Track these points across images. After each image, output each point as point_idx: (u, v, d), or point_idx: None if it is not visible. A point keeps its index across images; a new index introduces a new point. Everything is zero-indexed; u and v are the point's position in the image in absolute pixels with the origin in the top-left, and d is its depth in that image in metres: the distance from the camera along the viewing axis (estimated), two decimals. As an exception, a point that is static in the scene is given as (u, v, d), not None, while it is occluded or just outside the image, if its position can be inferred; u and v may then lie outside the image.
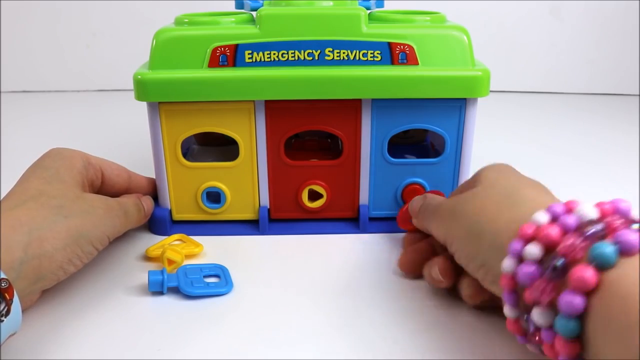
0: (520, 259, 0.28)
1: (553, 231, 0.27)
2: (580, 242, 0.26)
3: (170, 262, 0.41)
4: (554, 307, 0.25)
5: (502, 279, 0.29)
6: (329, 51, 0.43)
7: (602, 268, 0.24)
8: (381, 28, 0.43)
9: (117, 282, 0.40)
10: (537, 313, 0.26)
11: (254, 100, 0.44)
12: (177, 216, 0.48)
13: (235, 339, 0.34)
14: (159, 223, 0.47)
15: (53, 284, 0.36)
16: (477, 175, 0.38)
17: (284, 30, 0.43)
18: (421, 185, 0.47)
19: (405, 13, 0.47)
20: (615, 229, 0.25)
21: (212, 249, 0.45)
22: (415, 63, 0.43)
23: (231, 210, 0.48)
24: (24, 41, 0.98)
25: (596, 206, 0.27)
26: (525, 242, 0.28)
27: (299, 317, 0.36)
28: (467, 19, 0.55)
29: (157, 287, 0.38)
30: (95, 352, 0.33)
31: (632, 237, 0.24)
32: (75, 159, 0.42)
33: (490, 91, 0.44)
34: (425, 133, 0.54)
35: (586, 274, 0.24)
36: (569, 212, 0.28)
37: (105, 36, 0.98)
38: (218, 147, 0.52)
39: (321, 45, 0.43)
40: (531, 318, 0.27)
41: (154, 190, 0.48)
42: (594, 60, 0.98)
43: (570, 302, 0.24)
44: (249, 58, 0.43)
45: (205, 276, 0.40)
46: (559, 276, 0.26)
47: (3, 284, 0.30)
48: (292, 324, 0.35)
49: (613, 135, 0.76)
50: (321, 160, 0.47)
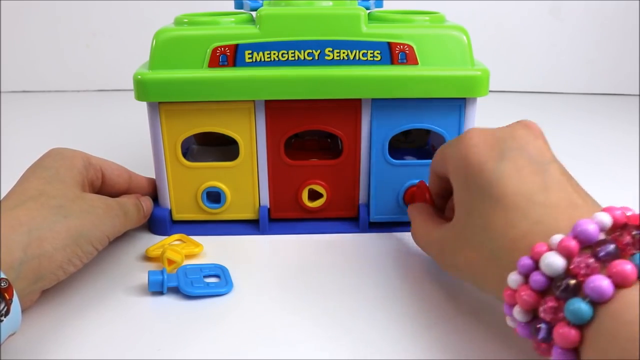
0: (526, 277, 0.27)
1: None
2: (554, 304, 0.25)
3: (170, 262, 0.41)
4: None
5: (505, 290, 0.28)
6: (329, 51, 0.43)
7: (580, 323, 0.24)
8: (381, 28, 0.43)
9: (117, 282, 0.40)
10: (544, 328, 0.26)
11: (254, 100, 0.44)
12: (177, 216, 0.48)
13: (235, 339, 0.34)
14: (159, 223, 0.47)
15: (53, 284, 0.36)
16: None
17: (283, 30, 0.43)
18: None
19: (404, 13, 0.47)
20: (584, 276, 0.25)
21: (212, 249, 0.45)
22: (415, 63, 0.43)
23: (231, 210, 0.48)
24: (24, 41, 0.98)
25: (559, 250, 0.26)
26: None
27: (298, 317, 0.36)
28: (467, 19, 0.55)
29: (157, 287, 0.38)
30: (95, 352, 0.33)
31: (602, 284, 0.24)
32: (76, 159, 0.42)
33: (490, 91, 0.44)
34: (426, 137, 0.54)
35: (570, 334, 0.24)
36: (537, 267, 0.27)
37: (105, 36, 0.98)
38: (218, 147, 0.52)
39: (321, 45, 0.43)
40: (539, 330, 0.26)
41: (154, 190, 0.48)
42: (594, 60, 0.98)
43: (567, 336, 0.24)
44: (249, 58, 0.43)
45: (205, 276, 0.40)
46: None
47: (3, 284, 0.30)
48: (292, 324, 0.35)
49: (613, 135, 0.76)
50: (321, 160, 0.47)
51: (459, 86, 0.43)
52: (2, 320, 0.29)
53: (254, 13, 0.46)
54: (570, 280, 0.25)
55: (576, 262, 0.25)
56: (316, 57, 0.43)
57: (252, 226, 0.48)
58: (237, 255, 0.44)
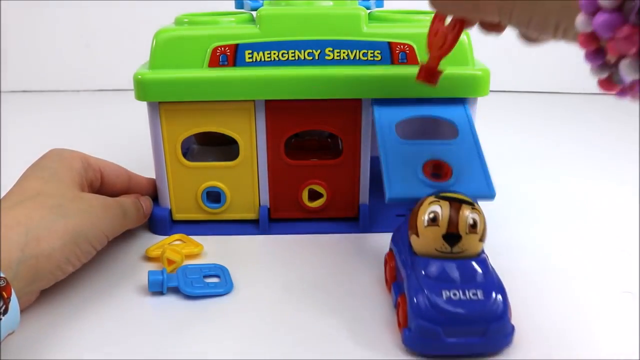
0: (596, 10, 0.23)
1: None
2: None
3: (170, 262, 0.41)
4: None
5: (579, 39, 0.25)
6: (329, 51, 0.43)
7: None
8: (381, 28, 0.43)
9: (117, 282, 0.40)
10: (626, 65, 0.23)
11: (254, 100, 0.44)
12: (177, 216, 0.48)
13: (235, 339, 0.34)
14: (159, 223, 0.47)
15: (51, 283, 0.36)
16: None
17: (284, 30, 0.43)
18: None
19: (405, 13, 0.47)
20: None
21: (212, 249, 0.44)
22: (416, 63, 0.43)
23: (231, 210, 0.48)
24: (24, 41, 0.98)
25: None
26: None
27: (299, 317, 0.36)
28: (467, 18, 0.55)
29: (157, 287, 0.38)
30: (95, 352, 0.33)
31: None
32: (75, 159, 0.42)
33: (490, 91, 0.44)
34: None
35: None
36: None
37: (105, 36, 0.98)
38: (218, 147, 0.52)
39: (321, 45, 0.43)
40: (621, 73, 0.24)
41: (153, 190, 0.48)
42: (594, 60, 0.98)
43: None
44: (249, 58, 0.43)
45: (205, 276, 0.40)
46: None
47: (1, 283, 0.30)
48: (292, 324, 0.35)
49: (613, 135, 0.76)
50: (321, 160, 0.47)
51: (460, 86, 0.43)
52: (1, 319, 0.29)
53: (254, 13, 0.46)
54: None
55: None
56: (316, 57, 0.43)
57: (252, 226, 0.48)
58: (237, 255, 0.44)
